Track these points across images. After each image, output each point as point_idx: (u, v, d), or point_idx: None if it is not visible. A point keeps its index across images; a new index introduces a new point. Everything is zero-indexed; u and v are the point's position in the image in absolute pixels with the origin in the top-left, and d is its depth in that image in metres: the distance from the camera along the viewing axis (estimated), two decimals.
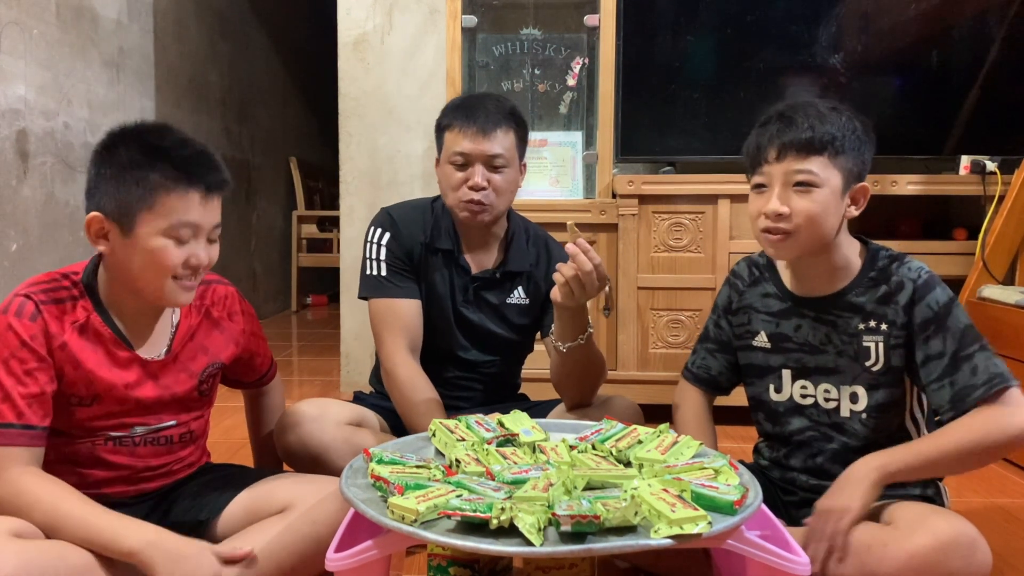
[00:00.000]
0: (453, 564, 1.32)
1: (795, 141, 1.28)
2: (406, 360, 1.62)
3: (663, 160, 2.59)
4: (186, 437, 1.37)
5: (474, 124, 1.60)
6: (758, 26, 2.57)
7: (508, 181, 1.64)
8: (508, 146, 1.63)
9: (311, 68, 5.69)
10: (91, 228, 1.20)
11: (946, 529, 1.15)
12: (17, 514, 1.14)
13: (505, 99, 1.69)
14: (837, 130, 1.29)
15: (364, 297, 1.70)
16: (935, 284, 1.30)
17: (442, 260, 1.69)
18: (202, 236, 1.22)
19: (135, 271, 1.21)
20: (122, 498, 1.30)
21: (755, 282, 1.47)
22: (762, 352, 1.44)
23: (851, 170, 1.30)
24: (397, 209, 1.73)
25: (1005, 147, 2.43)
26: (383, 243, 1.69)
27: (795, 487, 1.42)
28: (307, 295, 5.49)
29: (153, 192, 1.17)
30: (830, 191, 1.28)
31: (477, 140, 1.60)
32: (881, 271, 1.34)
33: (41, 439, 1.20)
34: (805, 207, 1.28)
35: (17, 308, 1.19)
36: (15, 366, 1.17)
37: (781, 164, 1.29)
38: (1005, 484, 1.96)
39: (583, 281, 1.40)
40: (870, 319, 1.33)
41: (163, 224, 1.18)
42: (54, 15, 2.73)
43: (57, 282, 1.24)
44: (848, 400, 1.36)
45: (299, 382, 3.18)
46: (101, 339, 1.24)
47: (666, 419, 1.49)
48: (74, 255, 2.85)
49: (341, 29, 2.83)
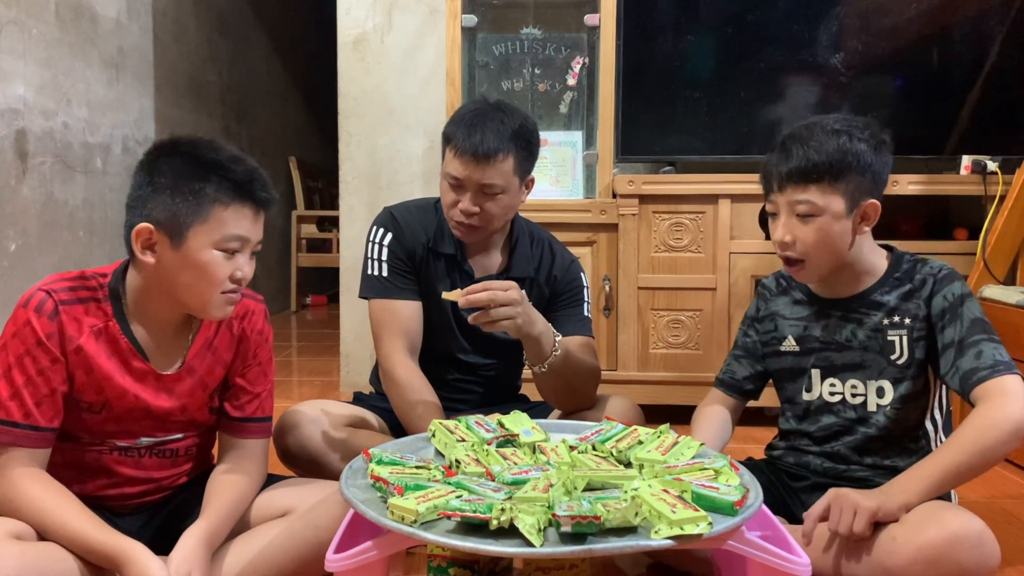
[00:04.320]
0: (453, 565, 1.32)
1: (792, 172, 1.33)
2: (404, 361, 1.61)
3: (663, 160, 2.58)
4: (192, 451, 1.35)
5: (471, 148, 1.52)
6: (758, 26, 2.56)
7: (501, 207, 1.58)
8: (506, 172, 1.55)
9: (311, 68, 5.69)
10: (139, 238, 1.19)
11: (954, 522, 1.16)
12: (14, 516, 1.14)
13: (512, 116, 1.58)
14: (835, 156, 1.31)
15: (364, 297, 1.69)
16: (955, 278, 1.36)
17: (445, 263, 1.68)
18: (248, 250, 1.23)
19: (182, 283, 1.20)
20: (121, 509, 1.29)
21: (782, 291, 1.53)
22: (791, 356, 1.48)
23: (856, 190, 1.33)
24: (400, 209, 1.72)
25: (1006, 147, 2.43)
26: (385, 243, 1.67)
27: (808, 471, 1.45)
28: (307, 295, 5.49)
29: (208, 206, 1.17)
30: (831, 216, 1.33)
31: (470, 167, 1.53)
32: (906, 272, 1.40)
33: (47, 440, 1.18)
34: (808, 236, 1.34)
35: (38, 304, 1.17)
36: (28, 364, 1.16)
37: (784, 194, 1.35)
38: (1006, 484, 1.96)
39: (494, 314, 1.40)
40: (894, 314, 1.38)
41: (216, 237, 1.18)
42: (53, 14, 2.72)
43: (83, 282, 1.23)
44: (875, 394, 1.40)
45: (299, 382, 3.17)
46: (117, 348, 1.22)
47: (666, 419, 1.49)
48: (73, 255, 2.84)
49: (341, 29, 2.83)
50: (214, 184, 1.18)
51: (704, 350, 2.42)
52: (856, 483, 1.38)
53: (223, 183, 1.18)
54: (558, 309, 1.71)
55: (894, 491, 1.22)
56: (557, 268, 1.72)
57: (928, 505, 1.23)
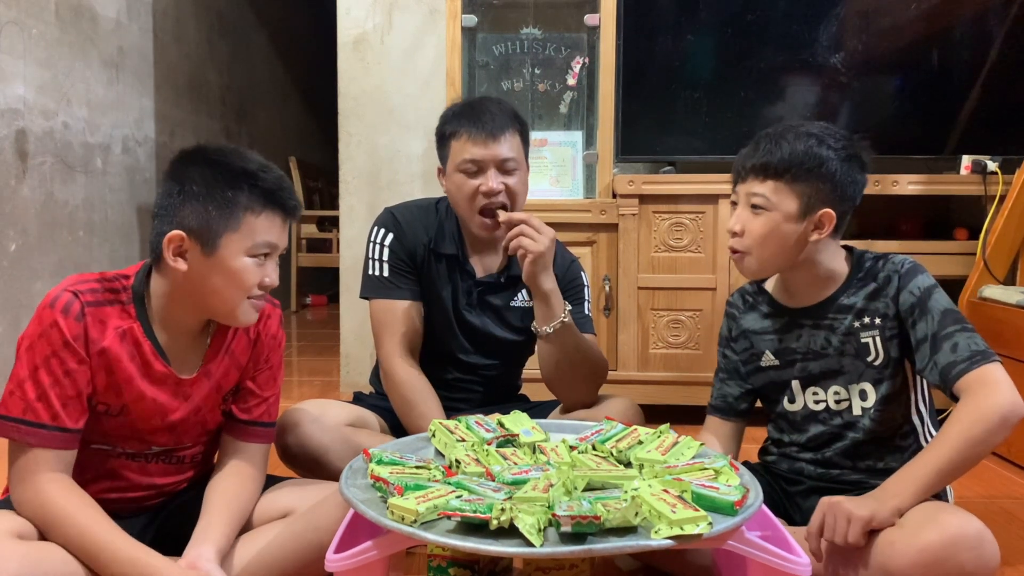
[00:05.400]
0: (453, 565, 1.32)
1: (754, 165, 1.37)
2: (404, 361, 1.62)
3: (663, 160, 2.58)
4: (197, 458, 1.36)
5: (483, 129, 1.58)
6: (758, 26, 2.56)
7: (521, 183, 1.63)
8: (517, 148, 1.62)
9: (311, 68, 5.69)
10: (171, 245, 1.19)
11: (954, 523, 1.16)
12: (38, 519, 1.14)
13: (504, 101, 1.68)
14: (800, 157, 1.33)
15: (365, 297, 1.69)
16: (918, 272, 1.35)
17: (446, 263, 1.69)
18: (275, 257, 1.25)
19: (212, 289, 1.21)
20: (120, 511, 1.28)
21: (750, 308, 1.52)
22: (773, 370, 1.47)
23: (813, 195, 1.34)
24: (401, 209, 1.72)
25: (1006, 147, 2.43)
26: (386, 243, 1.68)
27: (803, 476, 1.45)
28: (307, 295, 5.49)
29: (240, 214, 1.19)
30: (781, 215, 1.35)
31: (488, 145, 1.58)
32: (868, 271, 1.39)
33: (74, 442, 1.19)
34: (756, 229, 1.37)
35: (64, 305, 1.17)
36: (55, 365, 1.16)
37: (744, 185, 1.39)
38: (1006, 484, 1.96)
39: (525, 233, 1.50)
40: (864, 316, 1.37)
41: (247, 244, 1.20)
42: (53, 14, 2.72)
43: (107, 283, 1.23)
44: (858, 398, 1.40)
45: (299, 382, 3.17)
46: (140, 350, 1.23)
47: (666, 420, 1.49)
48: (73, 255, 2.84)
49: (341, 29, 2.83)
50: (245, 192, 1.20)
51: (704, 350, 2.42)
52: (851, 486, 1.38)
53: (254, 191, 1.20)
54: None
55: (887, 496, 1.22)
56: (557, 268, 1.72)
57: (926, 507, 1.22)
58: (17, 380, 1.16)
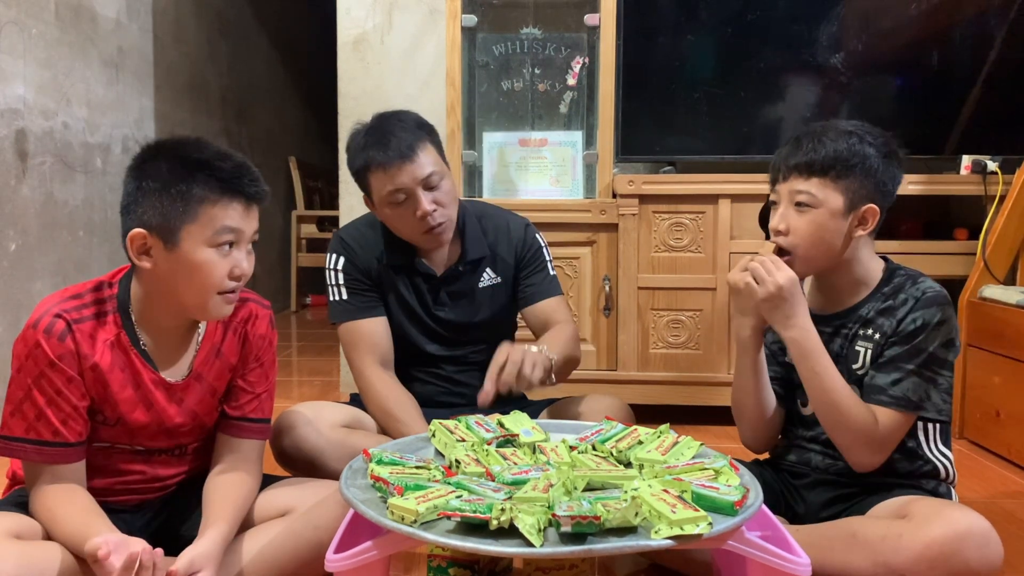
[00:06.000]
0: (453, 565, 1.32)
1: (798, 163, 1.36)
2: (377, 374, 1.65)
3: (663, 160, 2.58)
4: (201, 450, 1.36)
5: (395, 155, 1.56)
6: (758, 26, 2.56)
7: (448, 191, 1.63)
8: (433, 158, 1.61)
9: (311, 68, 5.69)
10: (134, 244, 1.19)
11: (961, 520, 1.17)
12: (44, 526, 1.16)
13: (403, 114, 1.65)
14: (844, 154, 1.34)
15: (333, 323, 1.73)
16: (934, 303, 1.33)
17: (405, 272, 1.71)
18: (243, 245, 1.22)
19: (180, 285, 1.20)
20: (124, 506, 1.29)
21: None
22: (792, 369, 1.46)
23: (857, 192, 1.35)
24: (349, 230, 1.76)
25: (1006, 147, 2.42)
26: (339, 268, 1.71)
27: (810, 468, 1.45)
28: (307, 295, 5.49)
29: (196, 205, 1.17)
30: (828, 212, 1.34)
31: (404, 169, 1.57)
32: (895, 287, 1.38)
33: (79, 454, 1.21)
34: (802, 227, 1.36)
35: (47, 326, 1.17)
36: (46, 385, 1.17)
37: (786, 184, 1.38)
38: (1006, 484, 1.95)
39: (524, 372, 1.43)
40: (868, 327, 1.38)
41: (207, 234, 1.18)
42: (53, 14, 2.72)
43: (93, 294, 1.23)
44: None
45: (298, 382, 3.17)
46: (128, 358, 1.23)
47: (666, 419, 1.49)
48: (73, 255, 2.84)
49: (341, 29, 2.83)
50: (200, 183, 1.18)
51: (704, 350, 2.42)
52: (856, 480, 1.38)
53: (209, 181, 1.18)
54: (527, 276, 1.75)
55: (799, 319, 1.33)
56: (515, 237, 1.75)
57: (932, 502, 1.24)
58: (15, 401, 1.18)
